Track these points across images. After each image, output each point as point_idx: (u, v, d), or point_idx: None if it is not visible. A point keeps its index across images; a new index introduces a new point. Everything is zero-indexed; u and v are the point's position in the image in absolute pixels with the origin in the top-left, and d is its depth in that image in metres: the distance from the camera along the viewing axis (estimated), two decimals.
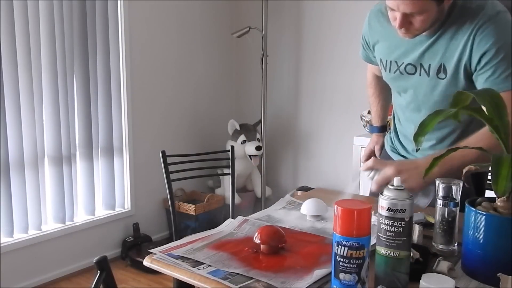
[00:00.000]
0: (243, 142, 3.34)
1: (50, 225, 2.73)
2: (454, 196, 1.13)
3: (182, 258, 1.08)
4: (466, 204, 1.02)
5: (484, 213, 0.97)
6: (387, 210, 0.92)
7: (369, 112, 2.64)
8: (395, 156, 1.60)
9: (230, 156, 2.16)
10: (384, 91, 1.71)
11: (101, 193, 2.99)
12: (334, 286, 0.91)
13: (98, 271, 0.89)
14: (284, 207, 1.51)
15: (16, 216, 2.54)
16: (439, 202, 1.14)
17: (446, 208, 1.13)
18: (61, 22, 2.62)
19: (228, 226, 1.29)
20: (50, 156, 2.67)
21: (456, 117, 0.99)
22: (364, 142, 2.58)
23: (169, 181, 1.99)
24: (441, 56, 1.30)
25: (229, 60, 3.77)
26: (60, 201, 2.72)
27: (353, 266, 0.88)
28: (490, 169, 0.92)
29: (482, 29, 1.21)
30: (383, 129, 1.73)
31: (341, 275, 0.89)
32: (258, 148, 3.28)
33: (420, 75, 1.36)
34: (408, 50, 1.36)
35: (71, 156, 2.75)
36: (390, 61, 1.42)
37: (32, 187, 2.59)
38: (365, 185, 2.59)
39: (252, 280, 0.97)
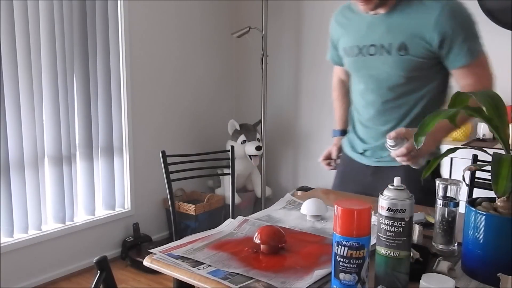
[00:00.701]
0: (243, 142, 3.34)
1: (50, 225, 2.73)
2: (454, 196, 1.13)
3: (182, 258, 1.08)
4: (466, 204, 1.02)
5: (484, 213, 0.97)
6: (387, 210, 0.92)
7: None
8: (355, 156, 1.68)
9: (230, 156, 2.16)
10: (347, 95, 1.77)
11: (101, 193, 2.99)
12: (334, 286, 0.91)
13: (98, 271, 0.89)
14: (284, 207, 1.51)
15: (16, 216, 2.54)
16: (439, 202, 1.14)
17: (446, 208, 1.13)
18: (61, 22, 2.63)
19: (228, 226, 1.29)
20: (50, 156, 2.67)
21: (452, 121, 0.99)
22: None
23: (169, 181, 1.99)
24: (401, 35, 1.41)
25: (229, 60, 3.77)
26: (60, 201, 2.72)
27: (353, 266, 0.88)
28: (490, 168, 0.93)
29: (445, 12, 1.36)
30: (344, 132, 1.80)
31: (341, 275, 0.89)
32: (258, 148, 3.28)
33: (381, 54, 1.46)
34: (369, 33, 1.48)
35: (71, 156, 2.75)
36: (353, 46, 1.54)
37: (32, 187, 2.59)
38: None
39: (252, 280, 0.97)
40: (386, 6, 1.42)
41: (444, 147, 1.77)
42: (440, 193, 1.14)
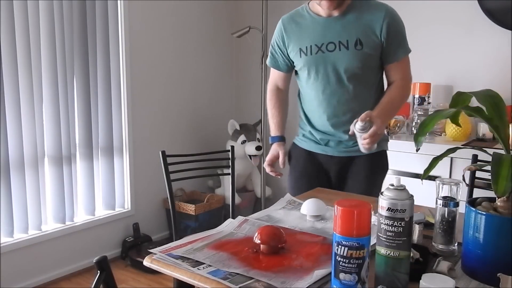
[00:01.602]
0: (243, 142, 3.34)
1: (50, 225, 2.73)
2: (454, 196, 1.13)
3: (182, 258, 1.08)
4: (466, 204, 1.02)
5: (484, 213, 0.97)
6: (387, 210, 0.92)
7: None
8: (319, 149, 1.82)
9: (230, 156, 2.16)
10: (283, 104, 1.92)
11: (101, 193, 2.99)
12: (334, 286, 0.91)
13: (98, 271, 0.89)
14: (284, 207, 1.51)
15: (16, 216, 2.54)
16: (439, 202, 1.14)
17: (446, 208, 1.13)
18: (61, 22, 2.63)
19: (228, 226, 1.29)
20: (50, 156, 2.67)
21: (455, 121, 1.00)
22: None
23: (169, 181, 1.99)
24: (356, 33, 1.64)
25: (229, 60, 3.77)
26: (60, 201, 2.72)
27: (353, 266, 0.88)
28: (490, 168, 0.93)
29: (389, 13, 1.65)
30: (283, 138, 1.88)
31: (341, 275, 0.90)
32: (258, 148, 3.28)
33: (340, 49, 1.65)
34: (325, 33, 1.67)
35: (71, 156, 2.75)
36: (311, 45, 1.69)
37: (32, 187, 2.59)
38: None
39: (252, 280, 0.97)
40: (340, 8, 1.65)
41: (444, 147, 1.77)
42: (440, 193, 1.14)
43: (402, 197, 0.92)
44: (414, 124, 2.60)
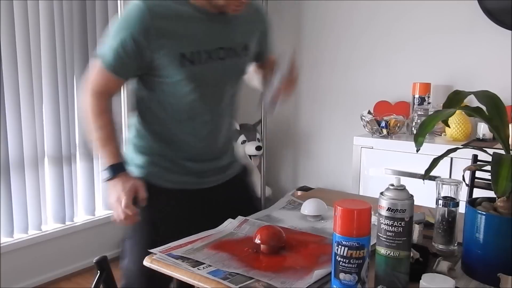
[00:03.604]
0: (243, 142, 3.34)
1: (50, 225, 2.73)
2: (454, 196, 1.13)
3: (182, 258, 1.08)
4: (466, 204, 1.02)
5: (484, 213, 0.97)
6: (387, 210, 0.92)
7: (369, 112, 2.64)
8: (190, 182, 1.40)
9: None
10: (113, 119, 1.36)
11: (101, 193, 2.99)
12: (334, 286, 0.91)
13: (98, 271, 0.89)
14: (284, 207, 1.51)
15: (16, 216, 2.54)
16: (439, 202, 1.14)
17: (446, 208, 1.13)
18: (61, 22, 2.63)
19: (228, 226, 1.29)
20: (50, 156, 2.66)
21: (445, 121, 0.99)
22: (364, 142, 2.59)
23: None
24: (243, 36, 1.40)
25: None
26: (60, 201, 2.72)
27: (353, 266, 0.88)
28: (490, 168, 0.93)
29: (267, 22, 1.50)
30: (125, 165, 1.34)
31: (341, 275, 0.90)
32: (258, 148, 3.28)
33: (230, 56, 1.36)
34: (216, 35, 1.32)
35: (71, 156, 2.75)
36: (199, 51, 1.29)
37: (32, 187, 2.59)
38: (365, 186, 2.59)
39: (252, 280, 0.97)
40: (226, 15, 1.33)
41: (444, 147, 1.78)
42: (440, 193, 1.14)
43: (402, 197, 0.92)
44: (414, 124, 2.60)
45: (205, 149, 1.41)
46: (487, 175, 1.81)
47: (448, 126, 1.07)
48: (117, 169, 1.30)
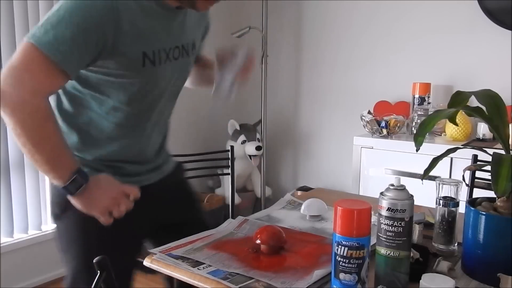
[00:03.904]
0: (243, 142, 3.34)
1: (50, 225, 2.73)
2: (454, 196, 1.13)
3: (182, 258, 1.08)
4: (466, 204, 1.02)
5: (484, 213, 0.97)
6: (387, 210, 0.92)
7: (369, 112, 2.64)
8: (140, 180, 1.28)
9: (230, 156, 2.16)
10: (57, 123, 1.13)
11: None
12: (334, 286, 0.91)
13: (98, 271, 0.89)
14: (284, 207, 1.51)
15: (16, 216, 2.54)
16: (439, 202, 1.14)
17: (446, 208, 1.13)
18: None
19: (228, 226, 1.29)
20: None
21: (452, 120, 1.00)
22: (364, 142, 2.59)
23: None
24: (192, 34, 1.28)
25: None
26: None
27: (353, 266, 0.88)
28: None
29: (208, 18, 1.39)
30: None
31: (341, 275, 0.90)
32: (258, 148, 3.28)
33: (183, 56, 1.24)
34: (173, 32, 1.19)
35: None
36: (159, 50, 1.15)
37: (32, 187, 2.59)
38: (365, 186, 2.59)
39: (252, 280, 0.97)
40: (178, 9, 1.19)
41: (444, 147, 1.78)
42: (440, 193, 1.14)
43: (402, 197, 0.92)
44: (414, 124, 2.60)
45: (142, 151, 1.29)
46: (487, 175, 1.81)
47: (456, 124, 1.07)
48: (84, 173, 1.10)
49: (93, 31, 1.03)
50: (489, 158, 0.94)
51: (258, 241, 1.12)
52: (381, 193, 0.94)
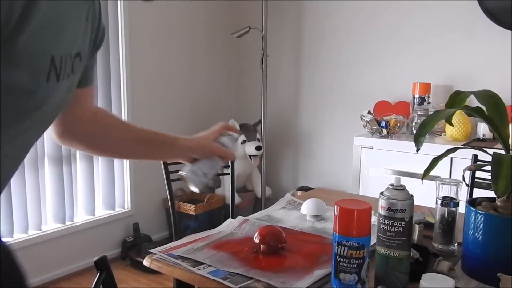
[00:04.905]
0: (243, 142, 3.34)
1: (50, 225, 2.73)
2: (454, 196, 1.13)
3: (182, 258, 1.08)
4: (466, 204, 1.02)
5: (484, 213, 0.97)
6: (387, 210, 0.92)
7: (369, 112, 2.64)
8: None
9: None
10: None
11: (101, 193, 2.99)
12: (334, 286, 0.91)
13: (98, 271, 0.89)
14: (284, 207, 1.51)
15: (16, 216, 2.54)
16: (439, 202, 1.14)
17: (446, 208, 1.13)
18: None
19: (228, 226, 1.29)
20: (50, 156, 2.66)
21: (449, 120, 1.00)
22: (364, 142, 2.59)
23: (169, 181, 1.99)
24: (80, 39, 0.78)
25: (229, 60, 3.77)
26: (60, 201, 2.72)
27: (353, 266, 0.88)
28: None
29: (100, 18, 0.83)
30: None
31: (341, 275, 0.89)
32: (258, 148, 3.28)
33: (73, 71, 0.76)
34: (71, 33, 0.71)
35: (71, 156, 2.75)
36: (66, 57, 0.70)
37: (32, 187, 2.59)
38: (365, 186, 2.59)
39: (252, 280, 0.97)
40: None
41: (444, 147, 1.78)
42: (440, 193, 1.14)
43: (402, 197, 0.92)
44: (414, 124, 2.60)
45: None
46: (487, 175, 1.81)
47: (452, 125, 1.07)
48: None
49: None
50: (489, 158, 0.94)
51: (258, 241, 1.12)
52: (381, 193, 0.94)
